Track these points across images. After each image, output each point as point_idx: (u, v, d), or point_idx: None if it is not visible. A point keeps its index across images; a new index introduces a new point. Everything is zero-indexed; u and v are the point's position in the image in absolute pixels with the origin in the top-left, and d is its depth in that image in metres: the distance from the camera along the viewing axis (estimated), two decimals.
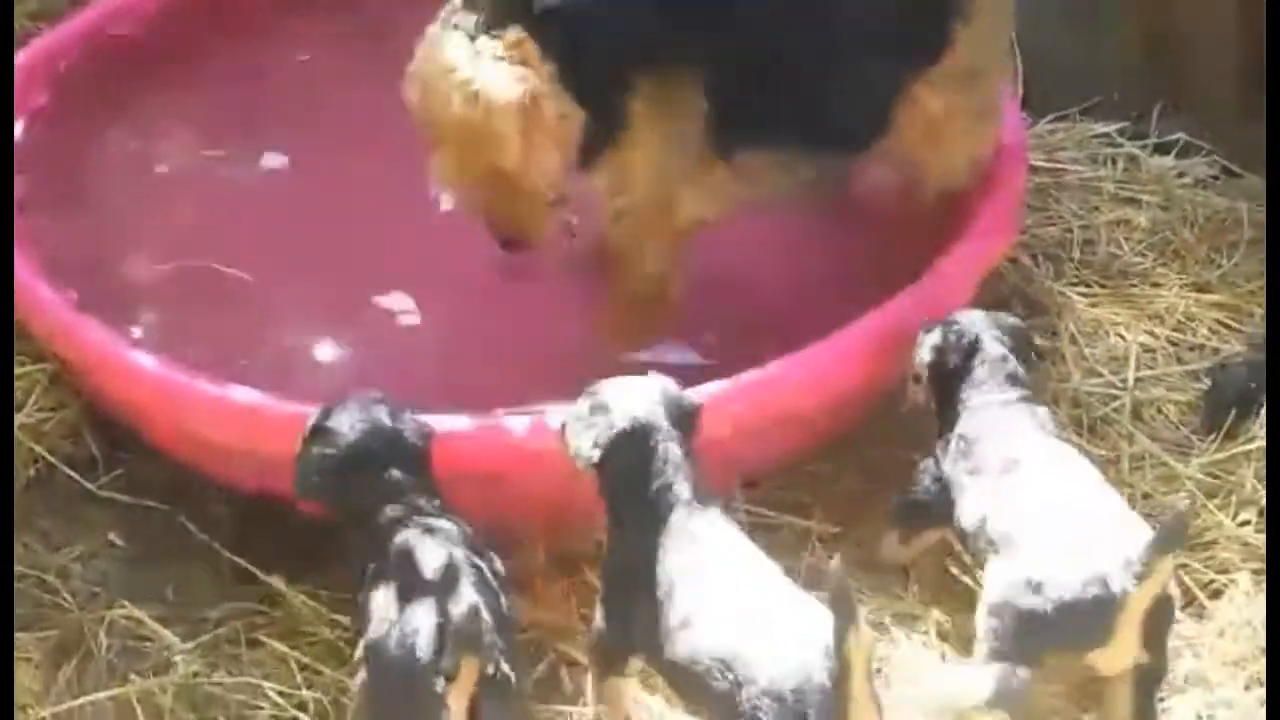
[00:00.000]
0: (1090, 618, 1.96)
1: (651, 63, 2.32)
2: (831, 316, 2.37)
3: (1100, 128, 3.03)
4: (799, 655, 1.78)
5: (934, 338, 2.24)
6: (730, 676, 1.80)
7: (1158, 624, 1.99)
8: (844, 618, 1.74)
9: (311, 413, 2.10)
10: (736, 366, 2.29)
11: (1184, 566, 2.27)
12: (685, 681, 1.90)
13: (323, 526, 2.21)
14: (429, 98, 2.24)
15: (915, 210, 2.63)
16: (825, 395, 2.32)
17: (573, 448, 2.01)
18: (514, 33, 2.23)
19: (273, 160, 2.70)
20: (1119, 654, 1.99)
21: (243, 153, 2.80)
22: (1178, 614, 2.12)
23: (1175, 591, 2.08)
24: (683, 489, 1.96)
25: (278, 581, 2.22)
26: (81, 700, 2.10)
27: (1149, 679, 2.02)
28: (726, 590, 1.90)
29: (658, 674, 1.99)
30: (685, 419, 2.04)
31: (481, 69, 2.21)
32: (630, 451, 1.98)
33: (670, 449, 1.98)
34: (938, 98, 2.52)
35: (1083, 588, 1.95)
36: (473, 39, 2.23)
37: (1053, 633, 1.99)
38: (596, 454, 1.99)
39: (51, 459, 2.37)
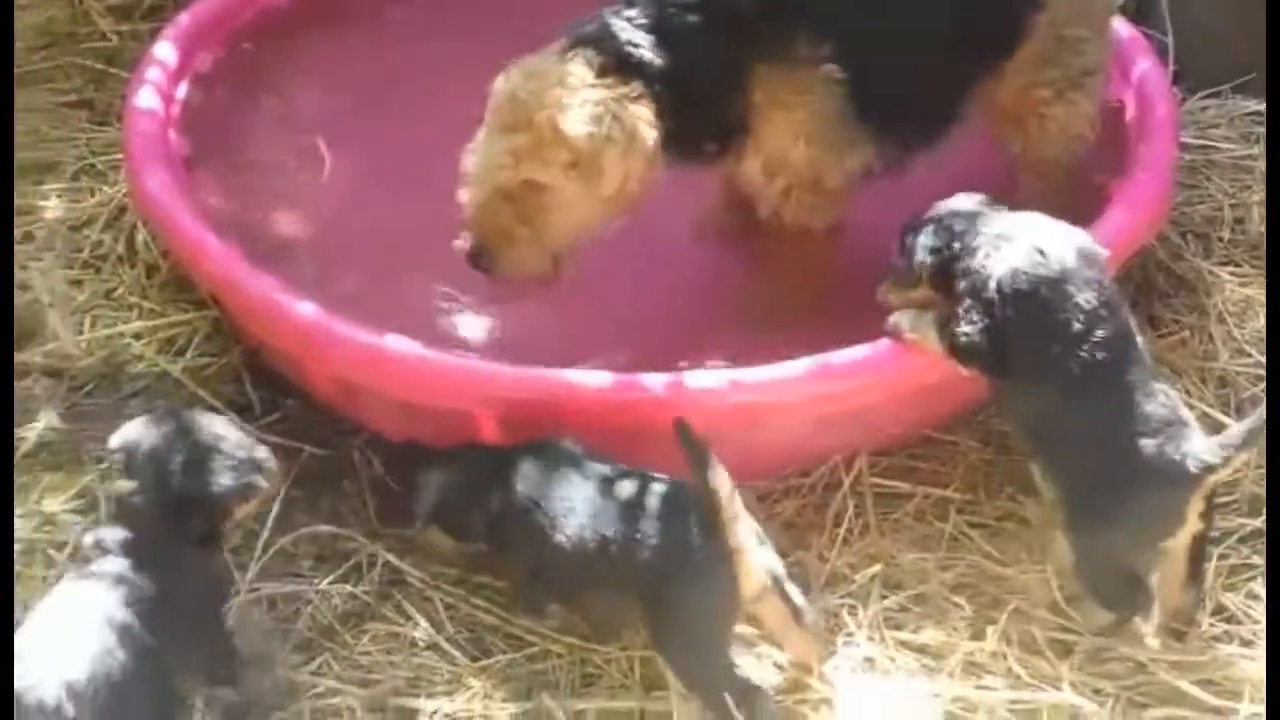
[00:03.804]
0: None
1: (767, 48, 2.37)
2: None
3: (1254, 105, 2.98)
4: None
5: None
6: None
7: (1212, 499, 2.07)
8: (700, 463, 1.96)
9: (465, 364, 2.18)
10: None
11: None
12: None
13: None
14: (543, 96, 2.28)
15: (1042, 187, 2.62)
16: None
17: None
18: (636, 87, 2.30)
19: (430, 118, 2.77)
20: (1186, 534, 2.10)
21: (401, 111, 2.88)
22: None
23: None
24: None
25: (422, 526, 2.27)
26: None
27: (1201, 542, 2.11)
28: None
29: None
30: None
31: (626, 104, 2.28)
32: None
33: None
34: (1017, 80, 2.56)
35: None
36: (599, 75, 2.30)
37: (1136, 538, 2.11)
38: None
39: (213, 402, 2.46)
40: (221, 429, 2.04)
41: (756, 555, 2.03)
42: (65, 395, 2.48)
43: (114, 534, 1.97)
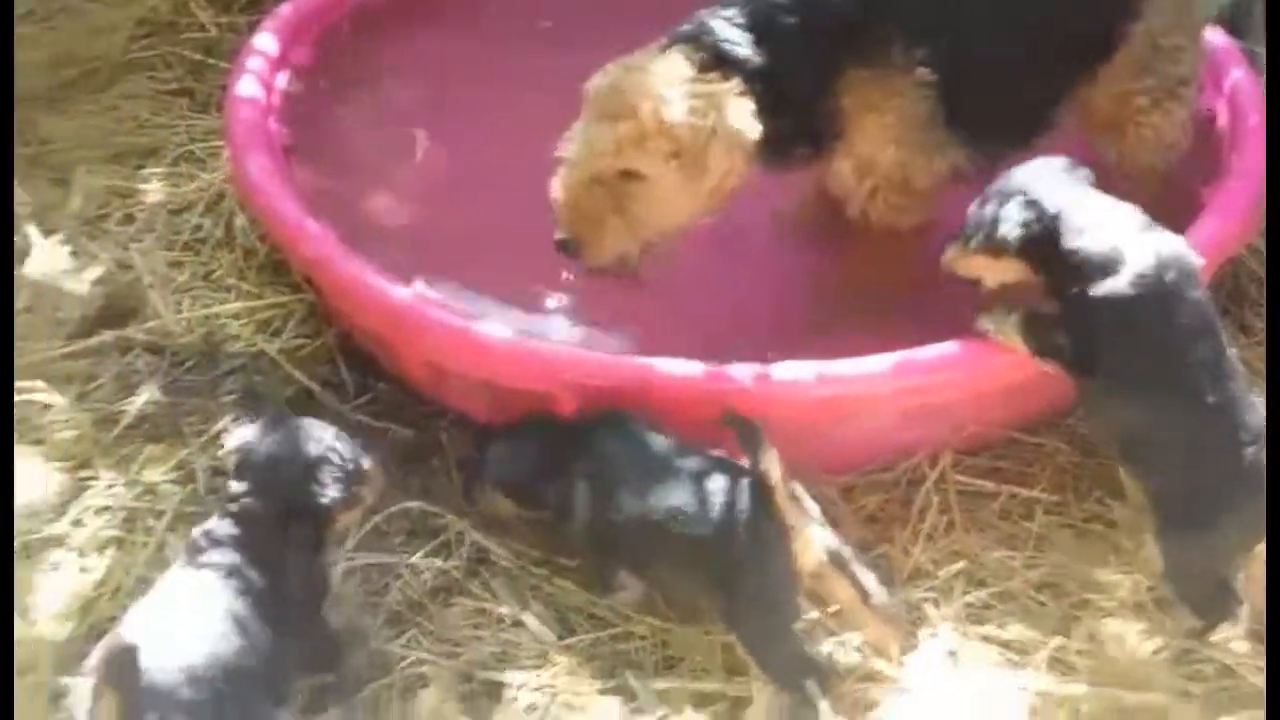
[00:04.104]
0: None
1: (862, 52, 2.40)
2: None
3: None
4: None
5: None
6: None
7: None
8: (752, 445, 2.03)
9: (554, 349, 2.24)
10: None
11: None
12: None
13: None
14: (646, 88, 2.30)
15: (1137, 194, 2.63)
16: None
17: None
18: (738, 84, 2.32)
19: (523, 112, 2.82)
20: None
21: (494, 104, 2.93)
22: None
23: None
24: None
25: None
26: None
27: None
28: None
29: None
30: None
31: (729, 98, 2.31)
32: None
33: None
34: (1113, 88, 2.57)
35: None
36: (700, 71, 2.32)
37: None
38: None
39: (307, 382, 2.52)
40: (331, 440, 2.09)
41: (814, 533, 2.06)
42: (166, 371, 2.55)
43: (224, 528, 2.02)
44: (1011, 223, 2.20)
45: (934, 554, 2.28)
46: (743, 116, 2.32)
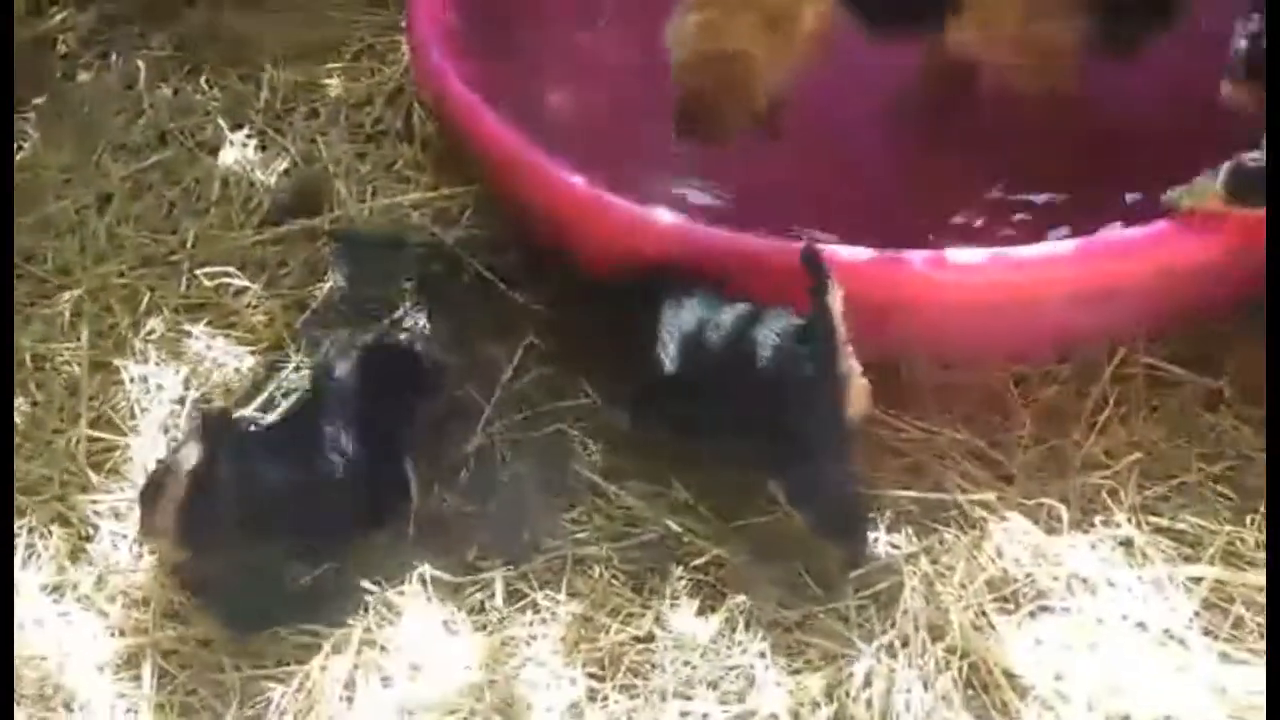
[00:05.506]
0: None
1: None
2: None
3: None
4: None
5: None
6: None
7: None
8: (821, 284, 2.05)
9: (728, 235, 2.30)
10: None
11: None
12: None
13: None
14: None
15: None
16: (1232, 244, 2.23)
17: None
18: None
19: None
20: None
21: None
22: None
23: None
24: None
25: None
26: None
27: None
28: None
29: None
30: None
31: None
32: None
33: None
34: None
35: None
36: None
37: None
38: None
39: (482, 270, 2.59)
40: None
41: (863, 381, 2.07)
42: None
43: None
44: (1241, 33, 2.08)
45: (1109, 445, 2.24)
46: None
